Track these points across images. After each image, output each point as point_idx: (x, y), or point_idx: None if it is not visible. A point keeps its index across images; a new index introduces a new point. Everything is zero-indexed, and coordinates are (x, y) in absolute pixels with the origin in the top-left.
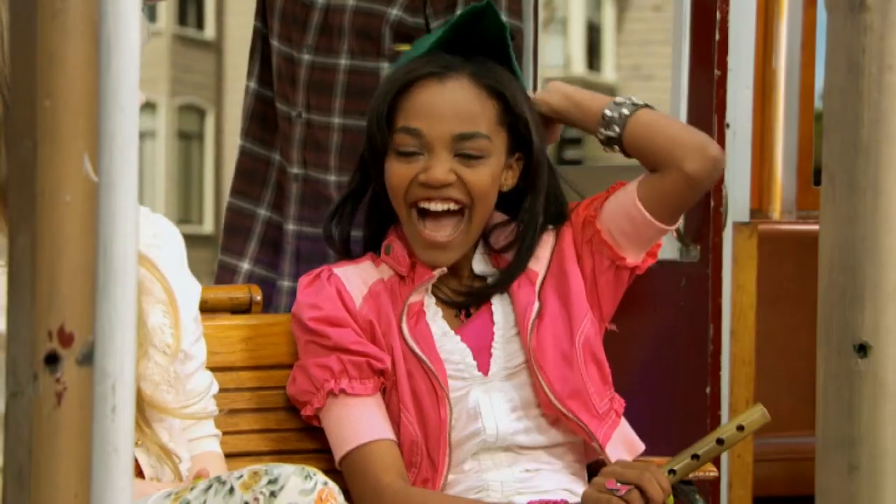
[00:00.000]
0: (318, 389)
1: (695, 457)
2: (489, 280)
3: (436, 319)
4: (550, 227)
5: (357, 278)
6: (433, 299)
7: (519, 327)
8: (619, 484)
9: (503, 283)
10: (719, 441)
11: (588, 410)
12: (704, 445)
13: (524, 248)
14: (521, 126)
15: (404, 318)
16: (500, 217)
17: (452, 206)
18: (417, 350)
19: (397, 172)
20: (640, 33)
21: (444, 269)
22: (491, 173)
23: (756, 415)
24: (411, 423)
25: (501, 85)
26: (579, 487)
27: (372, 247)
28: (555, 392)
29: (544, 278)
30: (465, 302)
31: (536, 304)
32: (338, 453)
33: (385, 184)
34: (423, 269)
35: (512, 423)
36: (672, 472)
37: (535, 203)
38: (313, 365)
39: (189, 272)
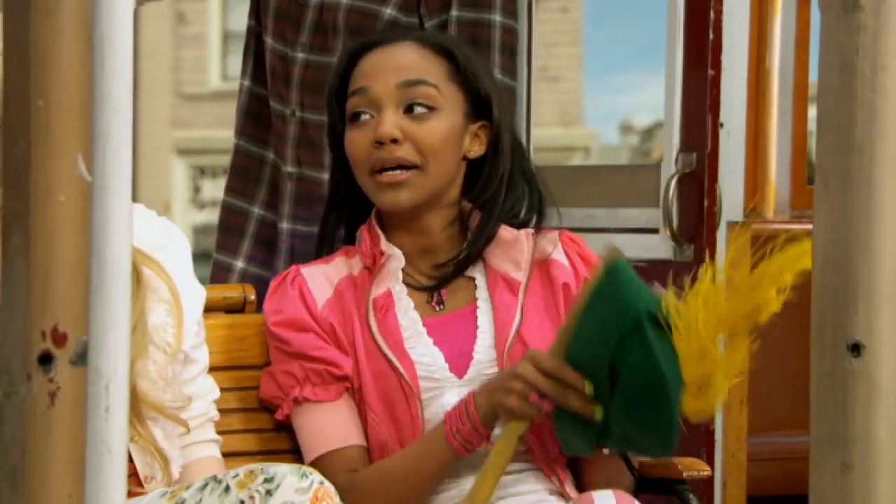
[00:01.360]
0: (285, 396)
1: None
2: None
3: (407, 312)
4: (525, 224)
5: (323, 278)
6: (405, 289)
7: (496, 342)
8: (541, 399)
9: (470, 251)
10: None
11: (541, 447)
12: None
13: (488, 215)
14: (479, 86)
15: (371, 315)
16: (477, 215)
17: (405, 167)
18: (385, 349)
19: (353, 141)
20: (547, 35)
21: (399, 254)
22: (442, 128)
23: (612, 258)
24: (378, 424)
25: (450, 44)
26: (571, 488)
27: (348, 240)
28: None
29: (526, 287)
30: (436, 285)
31: (517, 319)
32: (305, 459)
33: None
34: (380, 257)
35: None
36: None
37: (496, 170)
38: (279, 371)
39: (194, 276)
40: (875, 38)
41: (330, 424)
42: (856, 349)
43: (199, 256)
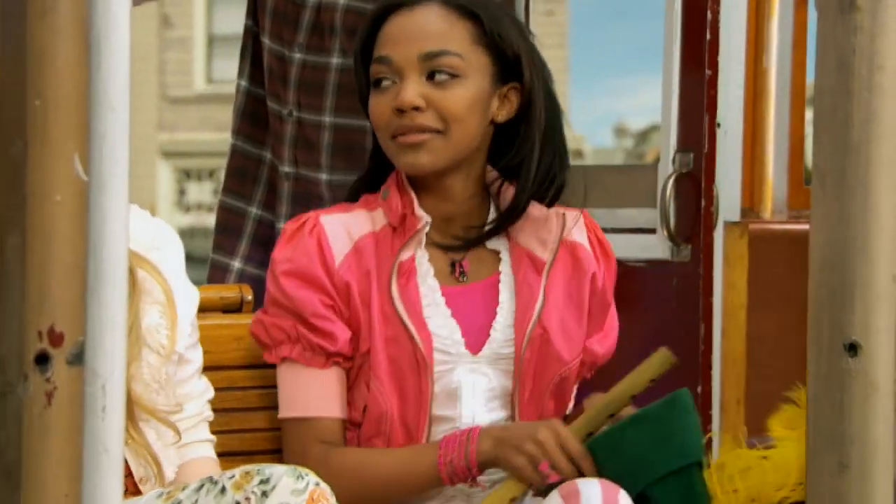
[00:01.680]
0: (274, 347)
1: (611, 416)
2: (487, 227)
3: (426, 279)
4: (552, 202)
5: (343, 231)
6: (426, 254)
7: (516, 323)
8: (551, 469)
9: (500, 223)
10: (634, 398)
11: None
12: (620, 404)
13: (522, 183)
14: (507, 48)
15: (394, 278)
16: (504, 185)
17: (427, 137)
18: (405, 316)
19: (375, 106)
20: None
21: (429, 219)
22: (467, 95)
23: (662, 361)
24: (382, 395)
25: (475, 6)
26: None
27: (371, 188)
28: (522, 414)
29: (550, 268)
30: (461, 245)
31: (539, 302)
32: (280, 412)
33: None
34: (413, 221)
35: (489, 413)
36: (591, 435)
37: (530, 132)
38: (271, 324)
39: (187, 278)
40: (872, 38)
41: (311, 390)
42: (852, 349)
43: (186, 259)
